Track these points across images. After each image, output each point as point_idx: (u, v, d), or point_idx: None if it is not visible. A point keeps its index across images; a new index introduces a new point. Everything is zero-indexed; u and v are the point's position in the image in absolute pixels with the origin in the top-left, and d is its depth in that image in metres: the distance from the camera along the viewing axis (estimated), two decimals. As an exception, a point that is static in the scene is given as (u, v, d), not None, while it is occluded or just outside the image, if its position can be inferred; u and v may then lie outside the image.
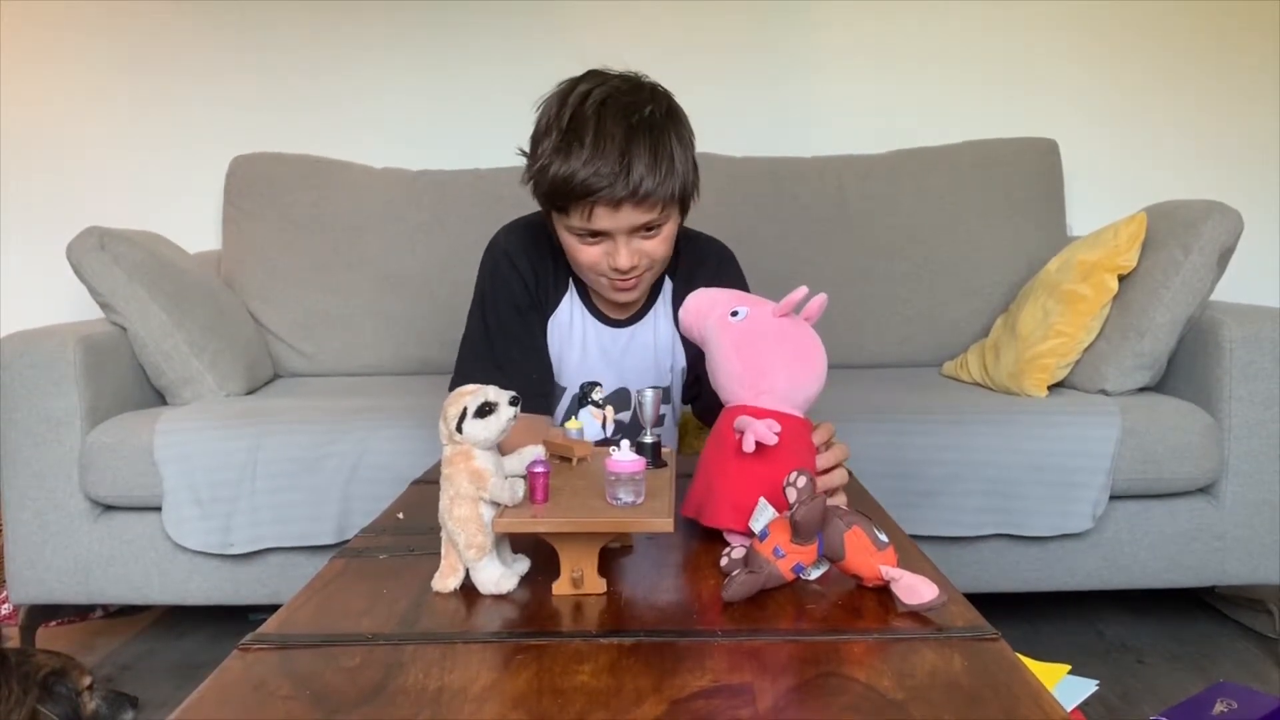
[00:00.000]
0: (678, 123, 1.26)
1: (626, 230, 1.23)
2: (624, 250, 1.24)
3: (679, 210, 1.29)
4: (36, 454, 1.78)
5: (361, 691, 0.65)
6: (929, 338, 2.35)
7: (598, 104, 1.20)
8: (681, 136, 1.26)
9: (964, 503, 1.76)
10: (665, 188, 1.20)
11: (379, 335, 2.37)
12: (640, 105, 1.22)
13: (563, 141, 1.20)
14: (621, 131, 1.18)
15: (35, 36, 2.53)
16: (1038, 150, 2.43)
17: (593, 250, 1.27)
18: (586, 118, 1.19)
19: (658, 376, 1.45)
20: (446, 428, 0.82)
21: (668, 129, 1.23)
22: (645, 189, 1.18)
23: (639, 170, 1.18)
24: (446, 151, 2.51)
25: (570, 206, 1.22)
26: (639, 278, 1.30)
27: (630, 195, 1.18)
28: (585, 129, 1.19)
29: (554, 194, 1.22)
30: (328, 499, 1.76)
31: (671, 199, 1.23)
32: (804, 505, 0.78)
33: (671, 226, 1.28)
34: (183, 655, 1.94)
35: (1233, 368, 1.78)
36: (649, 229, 1.25)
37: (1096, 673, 1.24)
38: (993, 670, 0.66)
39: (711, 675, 0.66)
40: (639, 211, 1.21)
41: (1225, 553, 1.81)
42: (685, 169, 1.25)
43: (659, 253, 1.29)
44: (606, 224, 1.22)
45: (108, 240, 1.86)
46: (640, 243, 1.26)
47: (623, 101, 1.21)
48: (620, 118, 1.19)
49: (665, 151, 1.21)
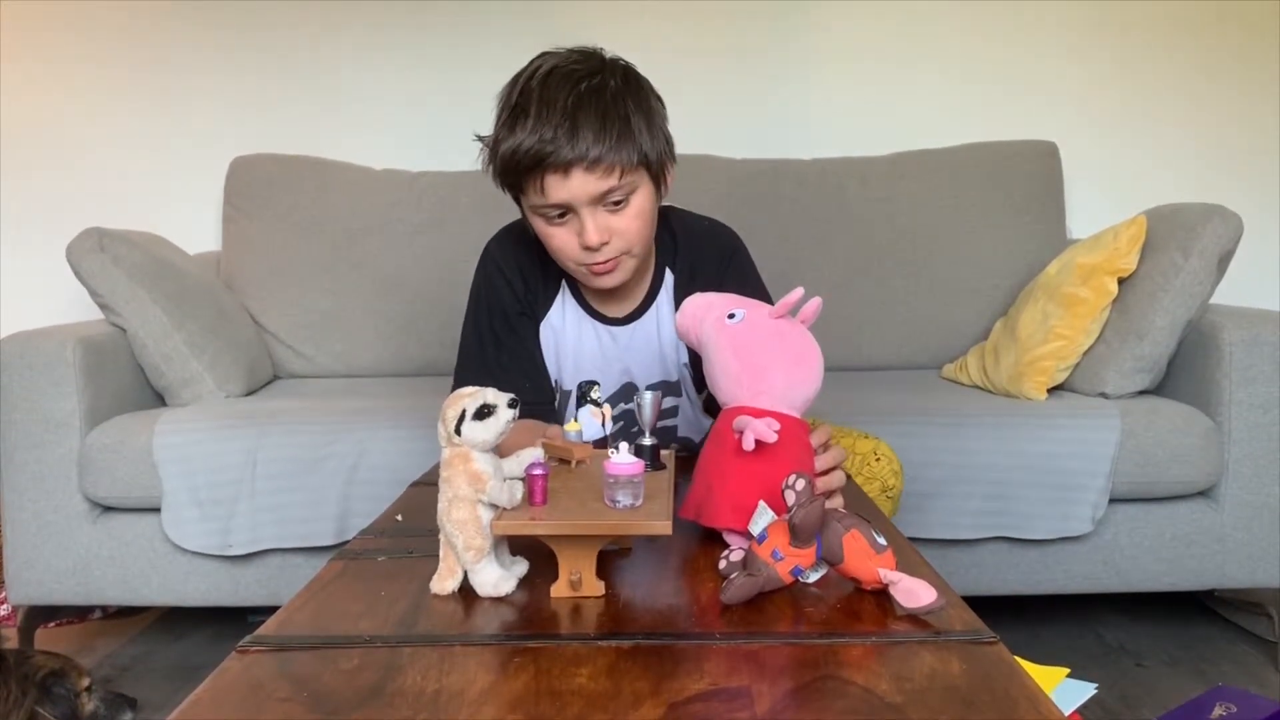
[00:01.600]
0: (636, 89, 1.22)
1: (586, 201, 1.18)
2: (589, 224, 1.19)
3: (650, 182, 1.24)
4: (36, 455, 1.78)
5: (359, 693, 0.65)
6: (929, 340, 2.35)
7: (544, 75, 1.18)
8: (640, 102, 1.21)
9: (963, 505, 1.76)
10: (619, 152, 1.16)
11: (379, 336, 2.37)
12: (590, 74, 1.19)
13: (509, 116, 1.18)
14: (566, 97, 1.16)
15: (35, 37, 2.53)
16: (1038, 153, 2.43)
17: (562, 233, 1.23)
18: (532, 89, 1.17)
19: (664, 371, 1.42)
20: (445, 430, 0.82)
21: (622, 94, 1.19)
22: (594, 153, 1.14)
23: (586, 133, 1.14)
24: (447, 153, 2.51)
25: (524, 182, 1.19)
26: (616, 260, 1.25)
27: (579, 159, 1.14)
28: (530, 100, 1.16)
29: (506, 171, 1.20)
30: (327, 500, 1.76)
31: (631, 165, 1.18)
32: (802, 508, 0.78)
33: (641, 200, 1.22)
34: (181, 656, 1.94)
35: (1232, 371, 1.78)
36: (614, 201, 1.20)
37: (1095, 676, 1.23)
38: (991, 674, 0.66)
39: (710, 678, 0.66)
40: (592, 177, 1.16)
41: (1225, 556, 1.81)
42: (645, 135, 1.20)
43: (630, 230, 1.23)
44: (561, 194, 1.17)
45: (107, 241, 1.86)
46: (608, 218, 1.21)
47: (569, 70, 1.19)
48: (566, 85, 1.17)
49: (617, 115, 1.17)
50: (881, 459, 1.40)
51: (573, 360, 1.41)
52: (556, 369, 1.42)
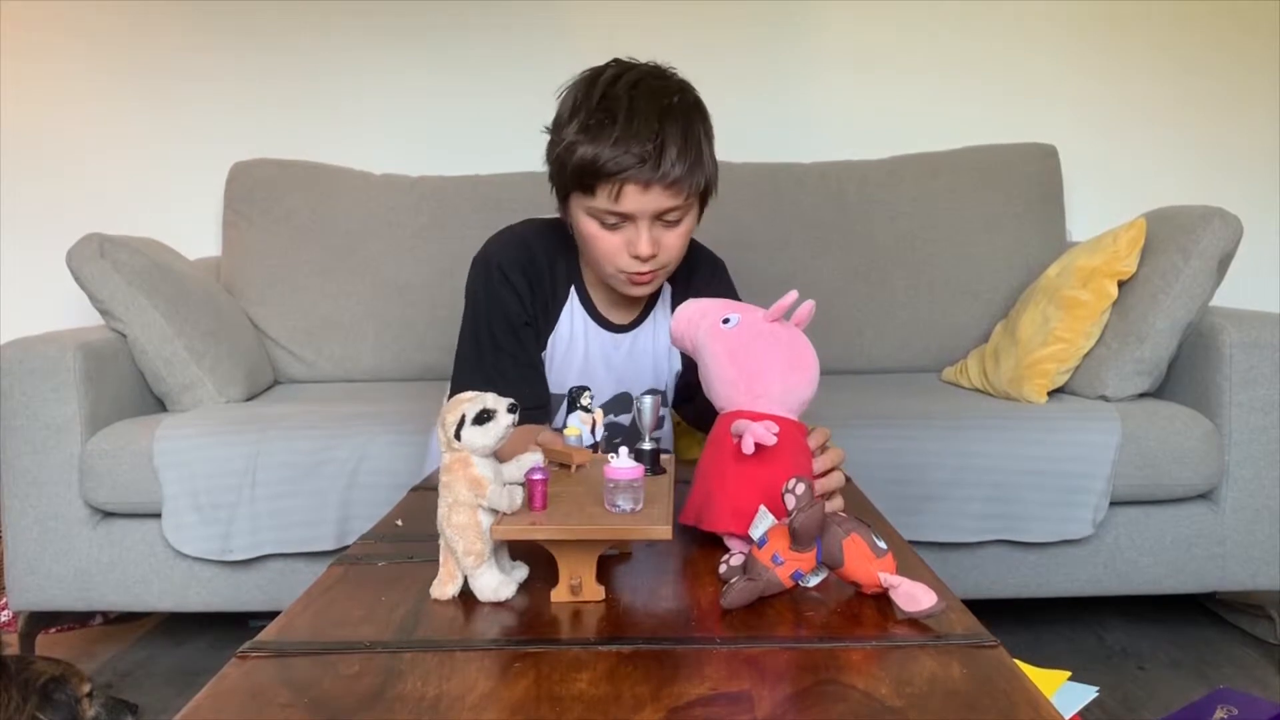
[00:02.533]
0: (704, 116, 1.27)
1: (651, 215, 1.22)
2: (645, 235, 1.23)
3: (699, 205, 1.29)
4: (36, 461, 1.78)
5: (360, 699, 0.65)
6: (929, 343, 2.35)
7: (629, 85, 1.20)
8: (707, 129, 1.26)
9: (964, 508, 1.76)
10: (693, 176, 1.21)
11: (379, 341, 2.37)
12: (671, 91, 1.22)
13: (593, 120, 1.19)
14: (654, 113, 1.18)
15: (35, 42, 2.54)
16: (1037, 156, 2.43)
17: (613, 238, 1.25)
18: (618, 97, 1.19)
19: (656, 381, 1.44)
20: (445, 435, 0.82)
21: (696, 118, 1.24)
22: (676, 173, 1.18)
23: (671, 153, 1.17)
24: (446, 157, 2.52)
25: (598, 186, 1.20)
26: (655, 272, 1.29)
27: (661, 178, 1.18)
28: (617, 108, 1.18)
29: (582, 172, 1.21)
30: (327, 505, 1.76)
31: (696, 190, 1.23)
32: (802, 512, 0.78)
33: (690, 221, 1.28)
34: (182, 662, 1.94)
35: (1233, 373, 1.78)
36: (671, 218, 1.24)
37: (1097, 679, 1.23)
38: (992, 677, 0.66)
39: (710, 683, 0.66)
40: (667, 195, 1.20)
41: (1225, 558, 1.81)
42: (710, 162, 1.25)
43: (676, 246, 1.28)
44: (633, 205, 1.20)
45: (107, 247, 1.86)
46: (660, 232, 1.25)
47: (654, 85, 1.22)
48: (652, 100, 1.20)
49: (694, 139, 1.21)
50: None
51: (579, 364, 1.41)
52: (560, 373, 1.42)
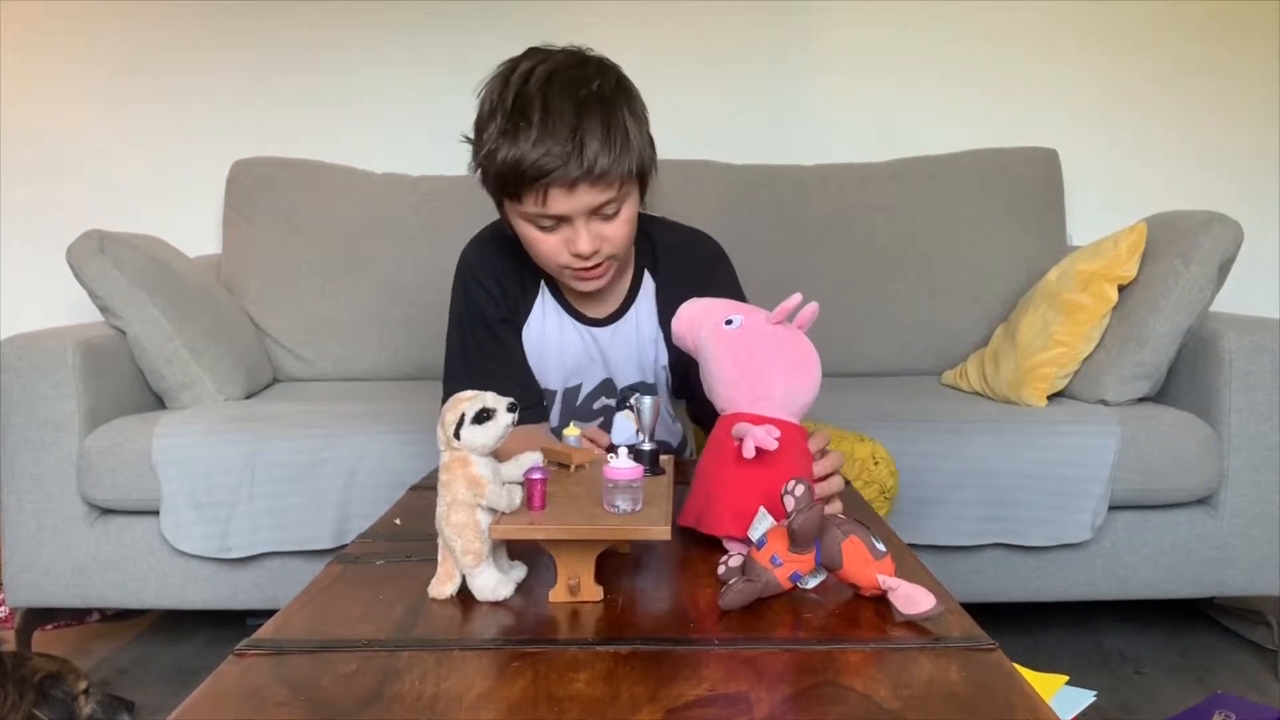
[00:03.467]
0: (629, 96, 1.21)
1: (584, 213, 1.18)
2: (584, 234, 1.19)
3: (638, 189, 1.24)
4: (34, 457, 1.78)
5: (357, 698, 0.64)
6: (929, 346, 2.35)
7: (542, 80, 1.15)
8: (634, 110, 1.20)
9: (963, 512, 1.76)
10: (621, 164, 1.15)
11: (378, 340, 2.37)
12: (588, 79, 1.16)
13: (509, 123, 1.14)
14: (570, 108, 1.13)
15: (35, 39, 2.54)
16: (1038, 159, 2.43)
17: (551, 239, 1.22)
18: (531, 96, 1.14)
19: (641, 373, 1.42)
20: (444, 434, 0.82)
21: (618, 102, 1.17)
22: (601, 167, 1.13)
23: (592, 147, 1.12)
24: (447, 157, 2.50)
25: (523, 192, 1.16)
26: (603, 265, 1.25)
27: (585, 174, 1.13)
28: (532, 108, 1.13)
29: (504, 180, 1.17)
30: (326, 504, 1.76)
31: (629, 176, 1.18)
32: (801, 514, 0.78)
33: (631, 207, 1.23)
34: (179, 659, 1.94)
35: (1232, 378, 1.78)
36: (608, 210, 1.19)
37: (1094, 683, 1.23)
38: (990, 680, 0.66)
39: (708, 684, 0.66)
40: (595, 191, 1.16)
41: (1224, 564, 1.81)
42: (640, 144, 1.19)
43: (619, 236, 1.23)
44: (563, 207, 1.16)
45: (108, 244, 1.86)
46: (600, 226, 1.20)
47: (568, 76, 1.16)
48: (568, 93, 1.14)
49: (619, 126, 1.15)
50: (880, 462, 1.40)
51: (555, 360, 1.41)
52: (540, 369, 1.41)
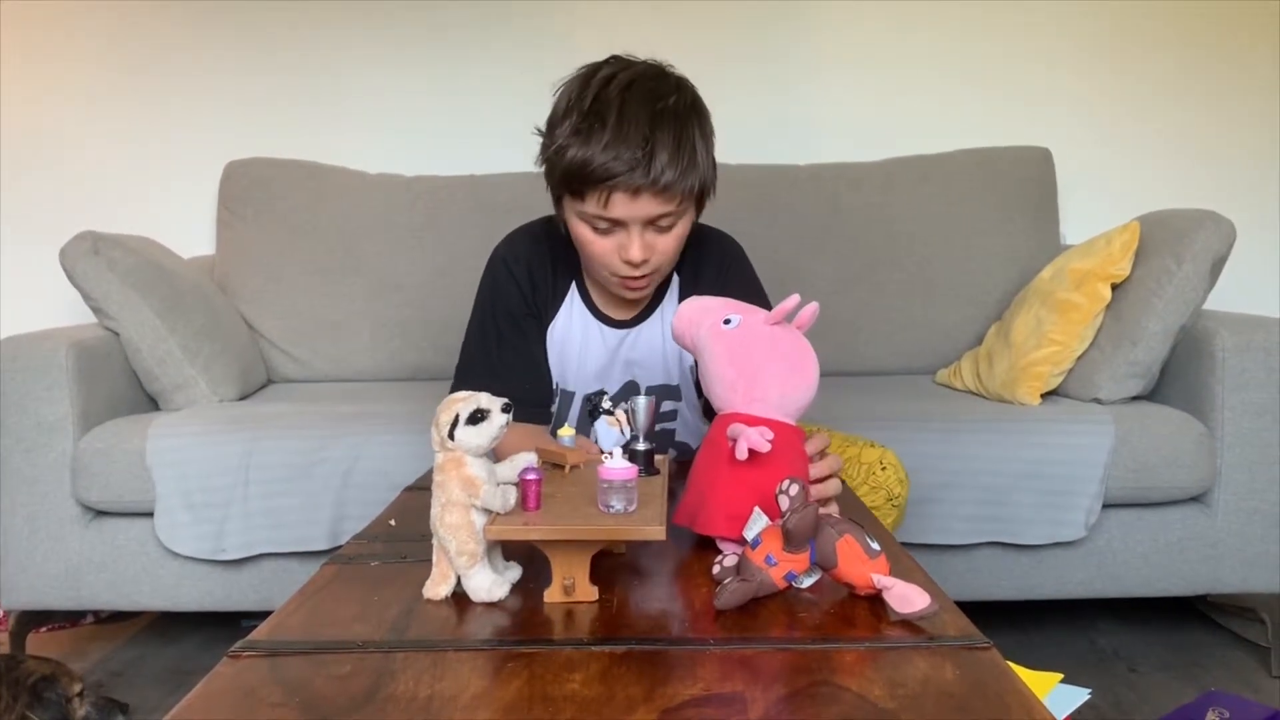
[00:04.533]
0: (701, 116, 1.23)
1: (642, 221, 1.20)
2: (637, 242, 1.21)
3: (695, 208, 1.26)
4: (28, 459, 1.78)
5: (352, 699, 0.64)
6: (923, 345, 2.35)
7: (622, 87, 1.17)
8: (704, 130, 1.23)
9: (957, 511, 1.76)
10: (686, 180, 1.18)
11: (373, 341, 2.36)
12: (665, 93, 1.19)
13: (583, 123, 1.16)
14: (646, 117, 1.15)
15: (30, 40, 2.53)
16: (1032, 159, 2.44)
17: (604, 242, 1.24)
18: (609, 100, 1.16)
19: (666, 375, 1.42)
20: (439, 434, 0.82)
21: (692, 120, 1.20)
22: (666, 179, 1.15)
23: (661, 159, 1.15)
24: (441, 157, 2.51)
25: (587, 191, 1.18)
26: (649, 276, 1.27)
27: (651, 184, 1.15)
28: (608, 112, 1.15)
29: (570, 178, 1.19)
30: (320, 505, 1.75)
31: (690, 193, 1.20)
32: (796, 513, 0.78)
33: (685, 224, 1.25)
34: (174, 661, 1.94)
35: (1225, 376, 1.78)
36: (664, 223, 1.22)
37: (1089, 681, 1.24)
38: (984, 679, 0.66)
39: (703, 684, 0.66)
40: (657, 202, 1.18)
41: (1218, 561, 1.81)
42: (705, 164, 1.22)
43: (670, 250, 1.25)
44: (623, 212, 1.18)
45: (101, 245, 1.85)
46: (654, 236, 1.22)
47: (648, 87, 1.18)
48: (645, 103, 1.16)
49: (688, 143, 1.18)
50: (888, 468, 1.40)
51: (577, 362, 1.41)
52: (561, 370, 1.42)
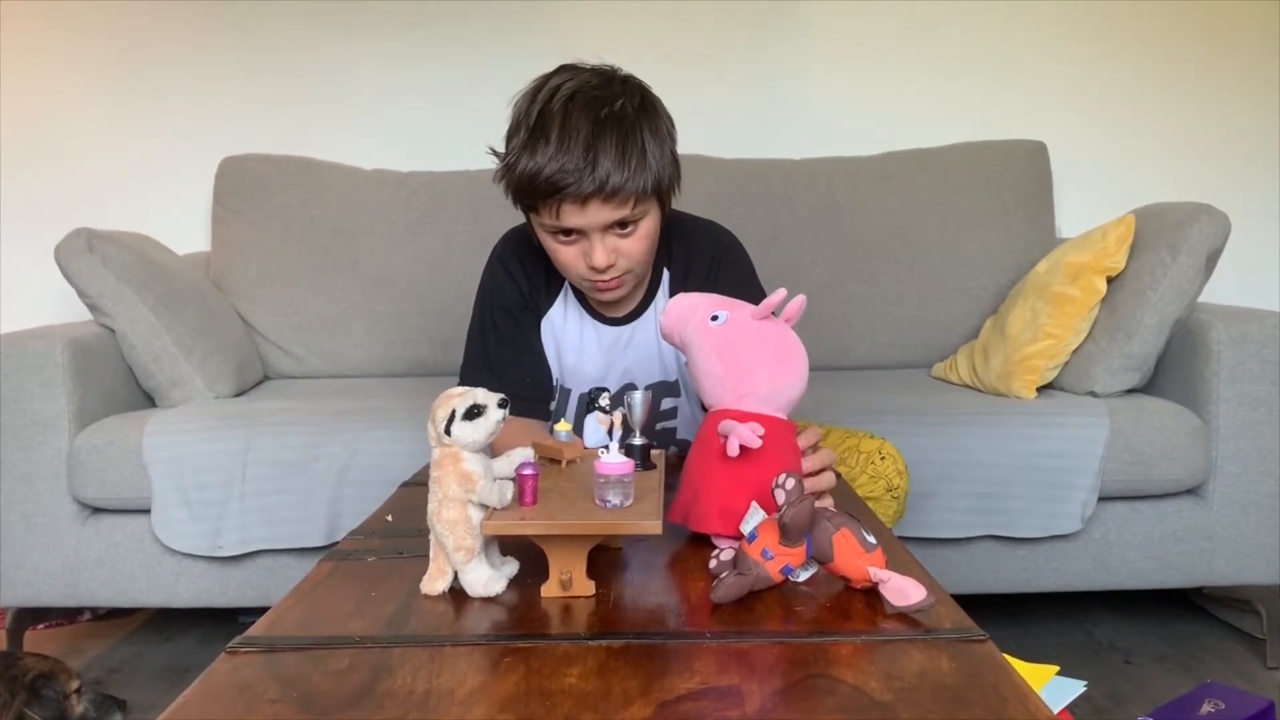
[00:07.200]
0: (651, 115, 1.23)
1: (599, 228, 1.20)
2: (599, 248, 1.22)
3: (657, 206, 1.26)
4: (24, 456, 1.77)
5: (349, 694, 0.65)
6: (918, 339, 2.35)
7: (565, 98, 1.18)
8: (656, 129, 1.22)
9: (953, 504, 1.77)
10: (635, 182, 1.17)
11: (369, 337, 2.36)
12: (610, 99, 1.19)
13: (529, 138, 1.18)
14: (588, 125, 1.16)
15: (24, 38, 2.52)
16: (1027, 152, 2.44)
17: (569, 250, 1.25)
18: (553, 113, 1.17)
19: (663, 371, 1.43)
20: (435, 430, 0.82)
21: (639, 122, 1.20)
22: (613, 184, 1.16)
23: (605, 165, 1.15)
24: (436, 153, 2.51)
25: (539, 204, 1.20)
26: (619, 278, 1.28)
27: (597, 190, 1.16)
28: (551, 124, 1.16)
29: (521, 192, 1.21)
30: (317, 501, 1.75)
31: (644, 194, 1.20)
32: (792, 507, 0.78)
33: (650, 223, 1.25)
34: (171, 658, 1.94)
35: (1220, 369, 1.78)
36: (624, 226, 1.22)
37: (1084, 673, 1.24)
38: (980, 671, 0.66)
39: (700, 677, 0.66)
40: (608, 208, 1.18)
41: (1213, 553, 1.82)
42: (660, 163, 1.21)
43: (637, 251, 1.26)
44: (576, 221, 1.19)
45: (96, 241, 1.85)
46: (616, 241, 1.23)
47: (591, 95, 1.19)
48: (587, 111, 1.17)
49: (635, 145, 1.18)
50: (886, 458, 1.40)
51: (573, 359, 1.42)
52: (558, 368, 1.43)
